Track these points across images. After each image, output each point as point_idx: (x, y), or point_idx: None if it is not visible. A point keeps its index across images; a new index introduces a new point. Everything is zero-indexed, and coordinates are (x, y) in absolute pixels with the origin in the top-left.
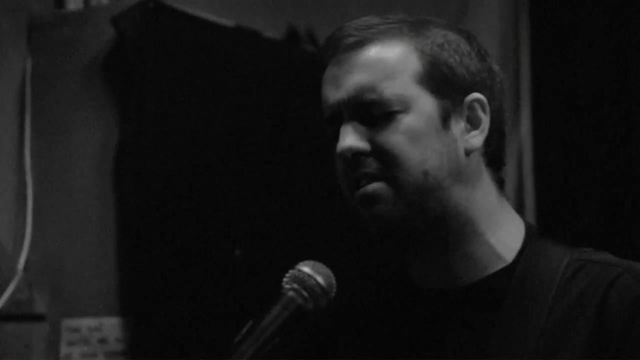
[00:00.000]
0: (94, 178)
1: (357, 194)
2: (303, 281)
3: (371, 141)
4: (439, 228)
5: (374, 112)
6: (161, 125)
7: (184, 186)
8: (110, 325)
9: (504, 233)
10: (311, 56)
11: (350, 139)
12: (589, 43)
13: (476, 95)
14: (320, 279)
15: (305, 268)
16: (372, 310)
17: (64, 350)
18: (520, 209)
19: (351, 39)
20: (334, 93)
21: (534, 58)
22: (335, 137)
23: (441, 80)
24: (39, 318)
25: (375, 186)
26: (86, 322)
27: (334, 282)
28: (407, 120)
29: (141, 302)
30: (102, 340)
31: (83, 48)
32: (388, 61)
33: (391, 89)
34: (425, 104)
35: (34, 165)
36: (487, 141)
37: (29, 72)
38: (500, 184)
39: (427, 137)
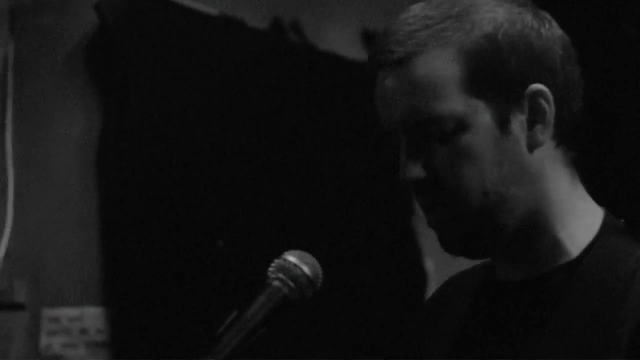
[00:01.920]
0: (76, 166)
1: (428, 219)
2: (289, 271)
3: (429, 166)
4: (509, 234)
5: (428, 133)
6: (144, 114)
7: (167, 175)
8: (92, 316)
9: (576, 226)
10: (296, 47)
11: (407, 171)
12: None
13: (536, 87)
14: (306, 269)
15: (292, 258)
16: (456, 296)
17: (44, 340)
18: None
19: (394, 56)
20: (387, 113)
21: None
22: (397, 145)
23: (493, 80)
24: (19, 307)
25: (440, 213)
26: (67, 312)
27: (321, 272)
28: (463, 140)
29: (123, 293)
30: (84, 331)
31: (66, 34)
32: (434, 78)
33: (442, 108)
34: (480, 115)
35: (15, 152)
36: (557, 124)
37: (12, 58)
38: (573, 164)
39: (486, 153)
